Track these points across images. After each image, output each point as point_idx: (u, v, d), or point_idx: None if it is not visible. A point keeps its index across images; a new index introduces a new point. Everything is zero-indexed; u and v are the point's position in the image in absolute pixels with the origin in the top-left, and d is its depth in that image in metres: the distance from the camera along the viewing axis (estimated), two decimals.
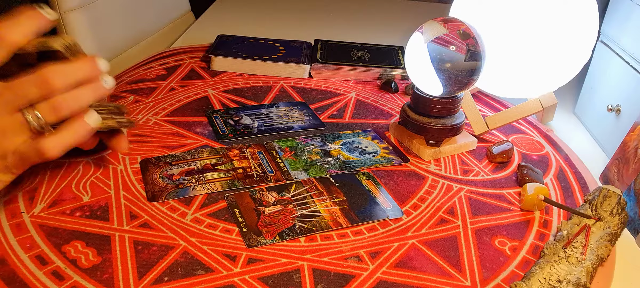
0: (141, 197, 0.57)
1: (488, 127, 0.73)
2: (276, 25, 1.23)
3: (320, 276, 0.48)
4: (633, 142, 0.64)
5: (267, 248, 0.50)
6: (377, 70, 0.91)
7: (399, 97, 0.86)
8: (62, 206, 0.54)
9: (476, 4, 0.72)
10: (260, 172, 0.62)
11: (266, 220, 0.54)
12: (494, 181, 0.64)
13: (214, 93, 0.82)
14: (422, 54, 0.63)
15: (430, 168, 0.66)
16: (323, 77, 0.91)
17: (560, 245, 0.51)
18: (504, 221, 0.57)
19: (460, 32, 0.62)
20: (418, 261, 0.50)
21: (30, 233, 0.50)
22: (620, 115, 0.74)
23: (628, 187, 0.61)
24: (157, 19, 1.16)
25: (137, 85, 0.83)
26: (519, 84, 0.73)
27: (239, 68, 0.91)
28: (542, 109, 0.75)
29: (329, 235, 0.53)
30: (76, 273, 0.46)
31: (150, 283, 0.46)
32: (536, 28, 0.68)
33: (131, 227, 0.52)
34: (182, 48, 1.01)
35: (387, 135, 0.73)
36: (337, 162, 0.66)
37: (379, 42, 1.04)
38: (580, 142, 0.79)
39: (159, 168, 0.62)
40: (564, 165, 0.69)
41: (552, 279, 0.47)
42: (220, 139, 0.69)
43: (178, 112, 0.75)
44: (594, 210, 0.56)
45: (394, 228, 0.55)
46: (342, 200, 0.58)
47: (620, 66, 0.76)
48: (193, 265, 0.48)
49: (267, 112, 0.78)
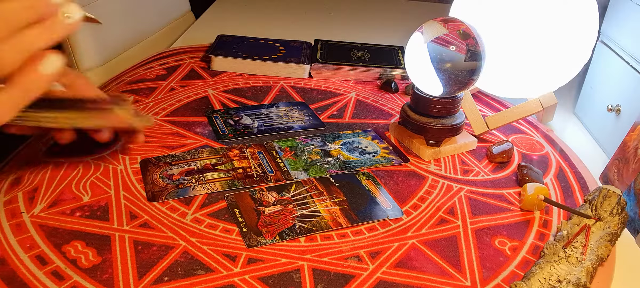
0: (141, 197, 0.57)
1: (488, 127, 0.73)
2: (276, 25, 1.23)
3: (320, 276, 0.48)
4: (633, 142, 0.64)
5: (267, 248, 0.50)
6: (377, 70, 0.91)
7: (399, 97, 0.86)
8: (62, 206, 0.54)
9: (476, 4, 0.72)
10: (260, 172, 0.62)
11: (266, 220, 0.54)
12: (494, 181, 0.64)
13: (214, 93, 0.82)
14: (422, 54, 0.63)
15: (430, 168, 0.66)
16: (323, 77, 0.91)
17: (560, 245, 0.51)
18: (504, 221, 0.57)
19: (460, 32, 0.62)
20: (418, 261, 0.50)
21: (30, 233, 0.50)
22: (620, 115, 0.74)
23: (628, 187, 0.61)
24: (157, 19, 1.16)
25: (137, 85, 0.83)
26: (519, 84, 0.73)
27: (239, 68, 0.91)
28: (542, 109, 0.75)
29: (329, 235, 0.53)
30: (76, 273, 0.46)
31: (150, 283, 0.46)
32: (536, 28, 0.68)
33: (131, 227, 0.52)
34: (182, 48, 1.01)
35: (387, 135, 0.73)
36: (337, 162, 0.66)
37: (379, 42, 1.04)
38: (580, 142, 0.79)
39: (159, 168, 0.62)
40: (564, 165, 0.69)
41: (552, 279, 0.47)
42: (220, 139, 0.69)
43: (178, 112, 0.75)
44: (594, 210, 0.56)
45: (394, 228, 0.55)
46: (342, 200, 0.58)
47: (620, 66, 0.76)
48: (193, 265, 0.48)
49: (267, 112, 0.78)
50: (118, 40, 1.02)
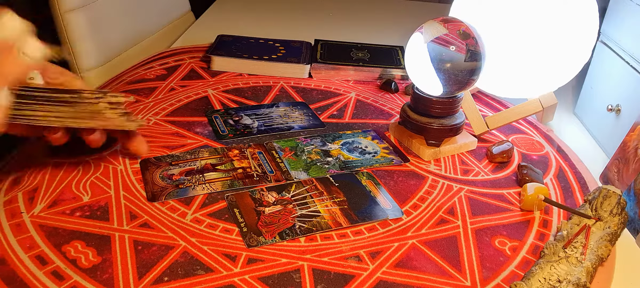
0: (141, 197, 0.57)
1: (488, 127, 0.73)
2: (276, 25, 1.23)
3: (320, 276, 0.48)
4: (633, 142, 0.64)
5: (267, 248, 0.50)
6: (377, 70, 0.91)
7: (399, 97, 0.86)
8: (62, 206, 0.54)
9: (476, 4, 0.72)
10: (260, 172, 0.62)
11: (266, 220, 0.54)
12: (494, 181, 0.64)
13: (214, 93, 0.82)
14: (422, 54, 0.63)
15: (430, 168, 0.66)
16: (323, 77, 0.91)
17: (560, 245, 0.51)
18: (504, 221, 0.57)
19: (460, 32, 0.62)
20: (418, 261, 0.50)
21: (30, 233, 0.50)
22: (620, 115, 0.74)
23: (628, 187, 0.61)
24: (157, 19, 1.16)
25: (137, 85, 0.83)
26: (519, 84, 0.73)
27: (239, 68, 0.91)
28: (542, 109, 0.75)
29: (329, 235, 0.53)
30: (76, 273, 0.46)
31: (150, 283, 0.46)
32: (536, 28, 0.68)
33: (131, 227, 0.52)
34: (182, 48, 1.01)
35: (387, 135, 0.73)
36: (337, 162, 0.66)
37: (379, 42, 1.04)
38: (580, 142, 0.79)
39: (159, 168, 0.62)
40: (564, 165, 0.69)
41: (552, 279, 0.47)
42: (220, 139, 0.69)
43: (178, 112, 0.75)
44: (594, 210, 0.56)
45: (394, 228, 0.55)
46: (342, 200, 0.58)
47: (620, 66, 0.76)
48: (193, 265, 0.48)
49: (267, 112, 0.78)
50: (118, 40, 1.02)
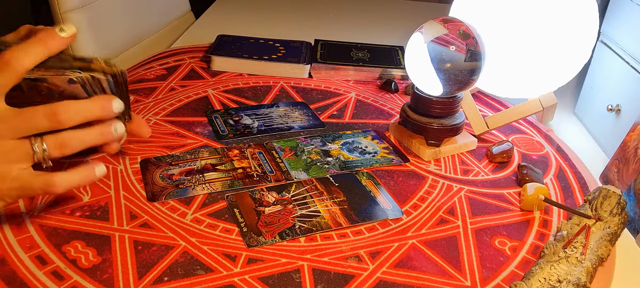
0: (141, 197, 0.57)
1: (488, 127, 0.73)
2: (276, 25, 1.23)
3: (320, 276, 0.48)
4: (633, 142, 0.64)
5: (267, 248, 0.50)
6: (377, 70, 0.91)
7: (399, 97, 0.86)
8: (62, 206, 0.54)
9: (476, 4, 0.72)
10: (260, 172, 0.62)
11: (266, 220, 0.54)
12: (494, 181, 0.64)
13: (214, 93, 0.82)
14: (422, 54, 0.63)
15: (430, 168, 0.66)
16: (323, 77, 0.91)
17: (560, 245, 0.51)
18: (504, 221, 0.57)
19: (460, 32, 0.62)
20: (418, 261, 0.50)
21: (30, 233, 0.50)
22: (620, 115, 0.74)
23: (628, 187, 0.61)
24: (157, 19, 1.16)
25: (137, 85, 0.83)
26: (519, 84, 0.73)
27: (239, 68, 0.91)
28: (542, 109, 0.75)
29: (329, 235, 0.53)
30: (76, 273, 0.46)
31: (150, 283, 0.46)
32: (536, 28, 0.68)
33: (131, 227, 0.52)
34: (182, 48, 1.01)
35: (387, 135, 0.73)
36: (337, 162, 0.66)
37: (379, 42, 1.04)
38: (580, 142, 0.79)
39: (159, 168, 0.62)
40: (564, 165, 0.69)
41: (552, 279, 0.47)
42: (220, 139, 0.69)
43: (178, 112, 0.75)
44: (594, 210, 0.56)
45: (394, 228, 0.55)
46: (342, 200, 0.58)
47: (620, 66, 0.76)
48: (193, 265, 0.48)
49: (267, 112, 0.78)
50: (118, 40, 1.02)
